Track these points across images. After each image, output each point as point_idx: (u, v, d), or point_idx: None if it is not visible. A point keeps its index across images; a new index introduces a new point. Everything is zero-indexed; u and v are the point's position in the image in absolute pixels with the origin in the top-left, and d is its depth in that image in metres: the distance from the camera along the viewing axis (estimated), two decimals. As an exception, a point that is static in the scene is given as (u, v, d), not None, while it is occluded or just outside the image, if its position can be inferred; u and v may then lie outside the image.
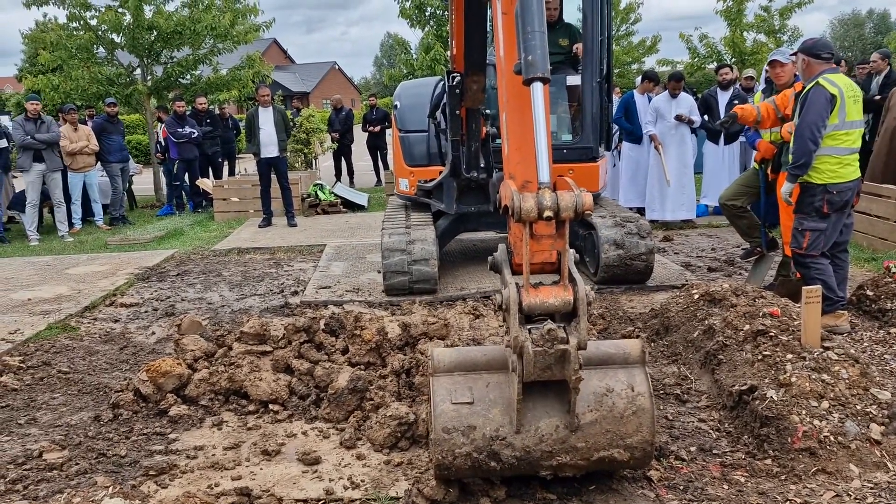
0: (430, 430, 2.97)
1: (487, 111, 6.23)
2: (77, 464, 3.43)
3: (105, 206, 11.95)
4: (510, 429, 2.84)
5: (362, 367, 4.16)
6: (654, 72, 10.81)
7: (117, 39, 13.81)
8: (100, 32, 13.56)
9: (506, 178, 3.04)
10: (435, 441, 2.88)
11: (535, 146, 2.79)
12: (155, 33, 13.55)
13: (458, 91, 5.75)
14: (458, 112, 5.92)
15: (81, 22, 13.49)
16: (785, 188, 5.06)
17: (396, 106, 7.47)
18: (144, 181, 15.69)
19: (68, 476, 3.33)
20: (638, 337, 3.08)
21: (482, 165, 6.30)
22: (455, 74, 5.75)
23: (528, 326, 2.73)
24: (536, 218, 2.66)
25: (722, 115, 9.84)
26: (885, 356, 4.51)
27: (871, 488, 3.02)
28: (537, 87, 2.83)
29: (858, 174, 5.01)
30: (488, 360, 3.00)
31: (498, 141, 7.05)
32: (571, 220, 2.72)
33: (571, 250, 2.87)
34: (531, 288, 2.76)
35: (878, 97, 9.25)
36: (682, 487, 3.12)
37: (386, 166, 15.48)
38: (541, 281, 2.83)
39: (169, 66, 14.29)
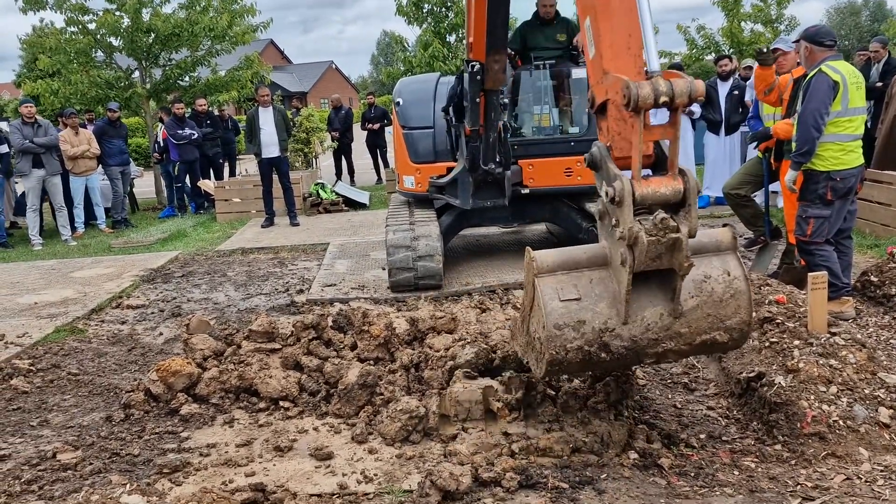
0: (538, 328, 3.02)
1: (505, 101, 6.23)
2: (91, 463, 3.46)
3: (107, 210, 11.96)
4: (618, 320, 2.93)
5: (371, 362, 4.18)
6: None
7: (115, 43, 13.81)
8: (98, 36, 13.57)
9: (603, 75, 3.02)
10: (548, 338, 2.94)
11: (644, 39, 2.87)
12: (153, 36, 13.55)
13: (479, 78, 5.76)
14: (478, 100, 5.92)
15: (79, 26, 13.50)
16: (789, 176, 5.07)
17: (398, 103, 7.47)
18: (146, 184, 15.71)
19: (83, 476, 3.35)
20: (726, 226, 3.18)
21: (498, 160, 6.31)
22: (474, 63, 5.76)
23: (639, 219, 2.80)
24: (653, 105, 2.72)
25: (722, 105, 9.85)
26: (891, 341, 4.53)
27: (882, 471, 3.04)
28: None
29: (862, 161, 5.02)
30: (589, 257, 3.07)
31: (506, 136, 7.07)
32: (685, 105, 2.78)
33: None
34: (643, 179, 2.84)
35: (879, 84, 9.24)
36: (693, 474, 3.14)
37: (386, 164, 15.49)
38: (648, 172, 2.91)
39: (167, 68, 14.30)
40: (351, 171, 15.65)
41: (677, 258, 2.79)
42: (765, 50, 5.67)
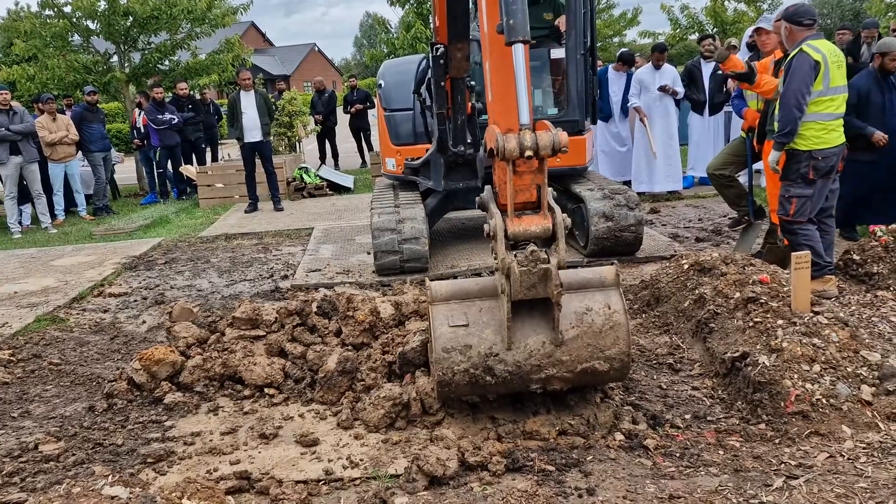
0: (431, 352, 3.29)
1: (472, 83, 6.18)
2: (74, 454, 3.42)
3: (88, 197, 11.80)
4: (502, 346, 3.17)
5: (355, 347, 4.15)
6: (630, 53, 10.78)
7: (92, 26, 13.57)
8: (74, 19, 13.31)
9: (490, 125, 3.35)
10: (436, 360, 3.21)
11: (517, 97, 3.13)
12: (131, 19, 13.33)
13: (442, 62, 5.71)
14: (443, 84, 5.87)
15: (55, 9, 13.23)
16: (772, 157, 5.07)
17: (381, 85, 7.40)
18: (127, 170, 15.52)
19: (66, 467, 3.32)
20: (612, 264, 3.43)
21: (469, 140, 6.27)
22: (439, 46, 5.70)
23: (514, 252, 3.10)
24: (519, 156, 3.02)
25: (706, 85, 9.85)
26: (873, 319, 4.55)
27: (864, 448, 3.07)
28: (518, 49, 3.14)
29: (843, 140, 5.03)
30: (480, 288, 3.34)
31: (484, 117, 7.02)
32: (549, 157, 3.06)
33: (550, 188, 3.24)
34: (515, 217, 3.14)
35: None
36: (678, 455, 3.16)
37: (370, 147, 15.38)
38: (523, 212, 3.19)
39: (147, 51, 14.07)
40: (335, 155, 15.52)
41: (549, 287, 3.05)
42: (714, 46, 5.71)
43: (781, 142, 4.95)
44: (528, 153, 2.99)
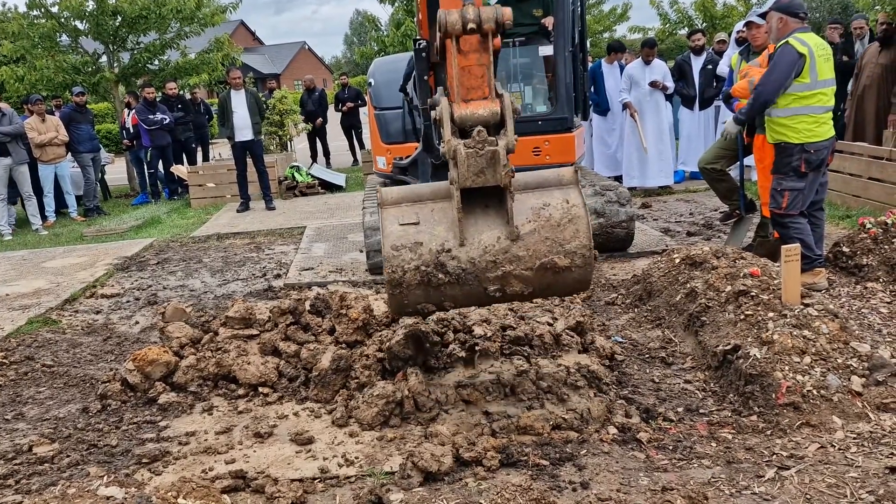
0: (382, 252, 3.17)
1: None
2: (68, 456, 3.42)
3: (78, 198, 11.75)
4: (455, 242, 3.06)
5: (348, 345, 4.16)
6: (618, 41, 10.78)
7: (81, 26, 13.49)
8: (62, 20, 13.23)
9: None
10: (386, 259, 3.09)
11: None
12: (119, 18, 13.26)
13: (424, 55, 5.69)
14: (426, 78, 5.86)
15: (42, 9, 13.14)
16: (730, 126, 5.36)
17: (371, 83, 7.39)
18: (118, 170, 15.45)
19: (60, 468, 3.31)
20: (574, 169, 3.33)
21: None
22: (421, 41, 5.69)
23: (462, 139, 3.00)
24: (461, 30, 2.91)
25: (696, 80, 9.89)
26: (862, 310, 4.61)
27: (854, 438, 3.10)
28: None
29: (833, 133, 5.06)
30: (433, 190, 3.24)
31: None
32: (493, 31, 2.96)
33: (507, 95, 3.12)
34: (462, 102, 3.03)
35: (845, 59, 9.30)
36: (671, 447, 3.18)
37: (362, 145, 15.36)
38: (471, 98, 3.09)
39: (136, 51, 14.00)
40: (326, 154, 15.50)
41: (498, 171, 2.93)
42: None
43: (740, 119, 5.21)
44: (471, 25, 2.90)
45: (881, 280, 5.01)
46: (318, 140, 15.38)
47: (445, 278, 3.07)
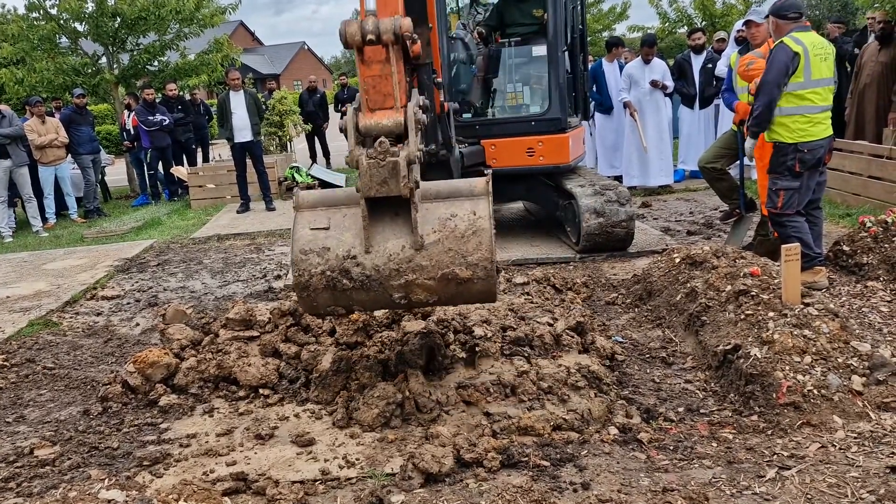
0: (291, 255, 3.26)
1: (440, 80, 6.11)
2: (69, 458, 3.42)
3: (79, 199, 11.75)
4: (361, 249, 3.14)
5: (349, 346, 4.16)
6: (615, 36, 10.77)
7: (80, 28, 13.49)
8: (61, 21, 13.23)
9: None
10: (293, 262, 3.19)
11: None
12: (119, 20, 13.25)
13: None
14: (409, 80, 5.81)
15: (42, 11, 13.15)
16: (747, 144, 5.23)
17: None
18: (118, 172, 15.45)
19: (61, 471, 3.31)
20: (485, 175, 3.37)
21: (440, 140, 6.01)
22: None
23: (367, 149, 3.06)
24: (361, 42, 2.99)
25: (696, 78, 9.88)
26: (863, 309, 4.61)
27: (855, 438, 3.10)
28: None
29: (830, 132, 5.06)
30: (347, 195, 3.31)
31: (466, 115, 6.98)
32: (393, 43, 3.02)
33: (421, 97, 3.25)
34: (367, 111, 3.10)
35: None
36: (672, 447, 3.18)
37: (362, 146, 15.34)
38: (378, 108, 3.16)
39: (135, 53, 14.00)
40: (326, 154, 15.50)
41: (399, 182, 3.00)
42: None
43: (753, 130, 5.11)
44: (370, 37, 2.97)
45: (881, 279, 5.01)
46: (317, 140, 15.38)
47: (350, 284, 3.16)
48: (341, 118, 3.36)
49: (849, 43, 9.38)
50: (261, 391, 4.00)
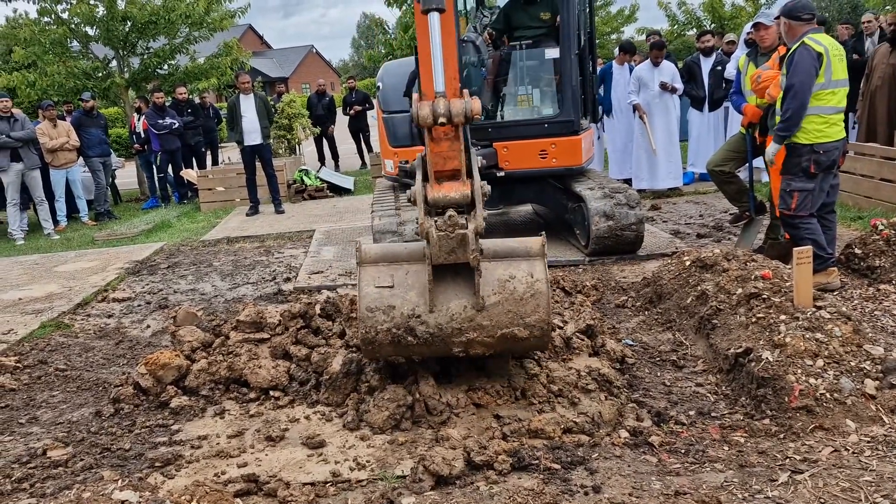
0: (358, 312, 3.41)
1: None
2: (82, 459, 3.44)
3: (90, 202, 11.83)
4: (425, 308, 3.29)
5: (359, 349, 4.15)
6: (630, 42, 10.75)
7: (91, 32, 13.60)
8: (73, 26, 13.34)
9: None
10: (360, 319, 3.33)
11: (433, 64, 3.22)
12: (129, 24, 13.35)
13: None
14: None
15: (53, 16, 13.26)
16: (771, 149, 5.09)
17: (379, 87, 7.41)
18: (128, 175, 15.54)
19: (74, 472, 3.33)
20: (541, 235, 3.49)
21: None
22: None
23: (436, 218, 3.22)
24: (433, 123, 3.14)
25: (706, 81, 9.86)
26: (875, 312, 4.58)
27: (868, 442, 3.08)
28: (433, 17, 3.25)
29: (844, 134, 5.03)
30: (409, 252, 3.43)
31: (477, 118, 7.00)
32: (463, 124, 3.18)
33: (477, 154, 3.42)
34: (436, 184, 3.27)
35: (855, 57, 9.26)
36: (683, 451, 3.17)
37: (370, 149, 15.39)
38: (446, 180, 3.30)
39: (146, 56, 14.10)
40: (335, 157, 15.54)
41: (467, 252, 3.16)
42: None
43: (782, 135, 4.96)
44: (441, 119, 3.09)
45: (894, 282, 4.98)
46: (325, 143, 15.43)
47: (414, 340, 3.32)
48: (349, 122, 3.48)
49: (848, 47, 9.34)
50: (271, 393, 4.01)
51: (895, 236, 5.24)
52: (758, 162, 6.13)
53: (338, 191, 12.29)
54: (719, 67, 9.71)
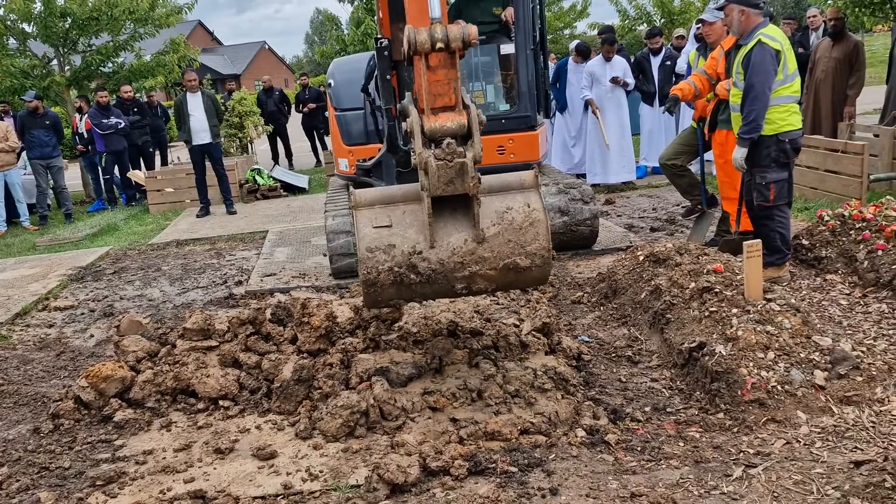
0: (358, 254, 3.31)
1: None
2: (18, 480, 3.26)
3: (31, 206, 11.37)
4: (425, 244, 3.24)
5: (311, 354, 4.06)
6: (586, 45, 10.77)
7: (28, 29, 13.07)
8: (8, 22, 12.81)
9: (406, 27, 3.34)
10: (361, 260, 3.26)
11: None
12: (69, 20, 12.87)
13: (387, 54, 5.59)
14: (388, 77, 5.76)
15: (-14, 12, 12.72)
16: (738, 153, 4.96)
17: (330, 84, 7.27)
18: (72, 177, 15.00)
19: (9, 494, 3.16)
20: (533, 169, 3.54)
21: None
22: (382, 39, 5.59)
23: (434, 149, 3.14)
24: (430, 48, 3.07)
25: (655, 76, 9.97)
26: (822, 302, 4.66)
27: (819, 433, 3.12)
28: None
29: (801, 124, 5.04)
30: (404, 192, 3.41)
31: None
32: (460, 49, 3.11)
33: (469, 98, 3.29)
34: (431, 115, 3.19)
35: (801, 50, 9.47)
36: (639, 448, 3.16)
37: (324, 146, 15.18)
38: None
39: (88, 54, 13.62)
40: (288, 155, 15.29)
41: (466, 181, 3.10)
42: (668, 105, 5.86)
43: (746, 138, 4.86)
44: (439, 45, 3.05)
45: (840, 272, 5.07)
46: (279, 141, 15.16)
47: (417, 278, 3.24)
48: (303, 119, 3.36)
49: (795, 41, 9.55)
50: (220, 403, 3.88)
51: (840, 227, 5.34)
52: (709, 155, 6.19)
53: (292, 190, 12.08)
54: (668, 62, 9.81)
